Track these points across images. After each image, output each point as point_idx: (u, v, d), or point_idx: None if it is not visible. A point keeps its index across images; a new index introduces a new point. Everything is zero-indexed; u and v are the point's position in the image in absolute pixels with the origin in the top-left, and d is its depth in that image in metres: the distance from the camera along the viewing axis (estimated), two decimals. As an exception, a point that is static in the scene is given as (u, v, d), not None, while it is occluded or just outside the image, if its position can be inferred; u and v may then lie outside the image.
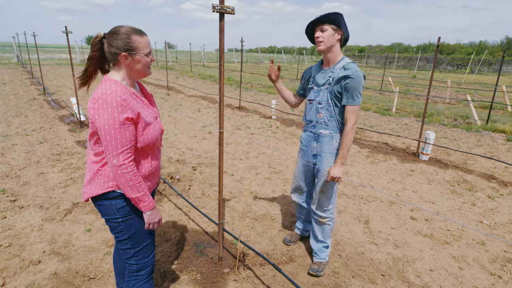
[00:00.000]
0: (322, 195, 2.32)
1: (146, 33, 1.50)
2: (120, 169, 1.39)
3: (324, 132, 2.21)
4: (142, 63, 1.49)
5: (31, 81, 13.29)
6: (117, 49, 1.42)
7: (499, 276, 2.47)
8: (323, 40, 2.08)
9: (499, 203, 3.72)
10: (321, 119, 2.20)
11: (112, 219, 1.55)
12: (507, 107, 10.20)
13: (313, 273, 2.37)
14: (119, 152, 1.38)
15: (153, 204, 1.54)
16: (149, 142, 1.51)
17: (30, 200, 3.34)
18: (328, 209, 2.36)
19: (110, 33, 1.44)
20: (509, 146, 6.07)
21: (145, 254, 1.68)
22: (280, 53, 52.06)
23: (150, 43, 1.51)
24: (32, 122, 6.67)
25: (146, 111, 1.53)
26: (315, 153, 2.31)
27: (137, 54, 1.45)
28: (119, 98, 1.37)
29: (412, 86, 16.66)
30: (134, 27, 1.46)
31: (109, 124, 1.35)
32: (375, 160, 5.06)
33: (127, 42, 1.42)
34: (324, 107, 2.17)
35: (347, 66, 2.09)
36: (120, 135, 1.37)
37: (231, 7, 1.75)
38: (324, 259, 2.47)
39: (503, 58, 7.52)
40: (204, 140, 5.83)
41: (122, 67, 1.48)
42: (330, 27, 2.06)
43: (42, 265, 2.39)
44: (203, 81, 16.29)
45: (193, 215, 3.19)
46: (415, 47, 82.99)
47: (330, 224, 2.42)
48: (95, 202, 1.54)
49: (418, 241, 2.90)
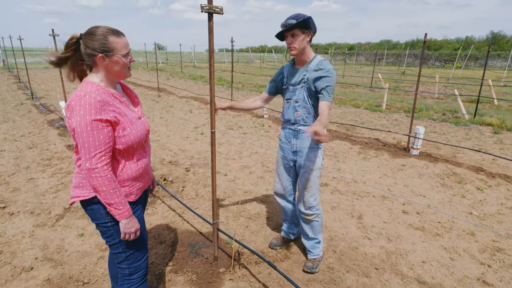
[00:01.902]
0: (306, 191, 2.33)
1: (124, 33, 1.47)
2: (93, 172, 1.35)
3: (303, 129, 2.25)
4: (120, 65, 1.45)
5: (18, 86, 13.05)
6: (93, 50, 1.38)
7: (488, 265, 2.52)
8: (295, 46, 2.11)
9: (488, 194, 3.81)
10: (299, 117, 2.25)
11: (101, 223, 1.52)
12: (494, 101, 10.41)
13: (308, 270, 2.39)
14: (91, 156, 1.34)
15: (129, 213, 1.48)
16: (132, 143, 1.47)
17: (20, 207, 3.29)
18: (313, 206, 2.37)
19: (86, 34, 1.40)
20: (496, 139, 6.20)
21: (137, 257, 1.65)
22: (270, 52, 52.14)
23: (128, 43, 1.47)
24: (20, 127, 6.56)
25: (127, 111, 1.49)
26: (295, 150, 2.33)
27: (114, 55, 1.42)
28: (93, 100, 1.32)
29: (401, 82, 16.88)
30: (111, 28, 1.42)
31: (81, 126, 1.31)
32: (367, 156, 5.12)
33: (104, 43, 1.39)
34: (301, 105, 2.22)
35: (320, 64, 2.15)
36: (92, 137, 1.33)
37: (220, 7, 1.75)
38: (318, 255, 2.49)
39: (488, 52, 7.67)
40: (197, 141, 5.81)
41: (100, 69, 1.44)
42: (300, 31, 2.08)
43: (34, 271, 2.36)
44: (194, 82, 16.22)
45: (187, 216, 3.18)
46: (404, 44, 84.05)
47: (318, 220, 2.43)
48: (85, 207, 1.52)
49: (410, 234, 2.95)
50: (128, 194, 1.54)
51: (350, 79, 18.62)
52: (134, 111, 1.57)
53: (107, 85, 1.47)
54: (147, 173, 1.67)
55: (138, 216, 1.61)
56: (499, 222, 3.18)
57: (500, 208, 3.46)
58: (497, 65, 34.12)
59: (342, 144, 5.80)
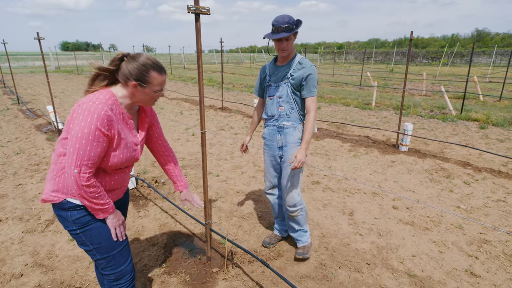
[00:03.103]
0: (290, 187, 2.38)
1: (166, 71, 1.50)
2: (80, 180, 1.32)
3: (287, 124, 2.32)
4: (148, 97, 1.48)
5: (3, 91, 12.79)
6: (130, 74, 1.41)
7: (476, 257, 2.59)
8: (287, 49, 2.20)
9: (475, 188, 3.90)
10: (283, 112, 2.32)
11: (71, 231, 1.49)
12: (479, 97, 10.65)
13: (299, 256, 2.47)
14: (82, 163, 1.31)
15: (113, 209, 1.50)
16: (113, 165, 1.46)
17: (8, 213, 3.23)
18: (297, 202, 2.42)
19: (132, 57, 1.44)
20: (482, 134, 6.35)
21: (120, 261, 1.59)
22: (260, 53, 52.23)
23: (165, 82, 1.50)
24: (6, 133, 6.43)
25: (127, 135, 1.49)
26: (280, 145, 2.39)
27: (147, 87, 1.44)
28: (103, 112, 1.32)
29: (390, 80, 17.11)
30: (157, 61, 1.45)
31: (83, 133, 1.29)
32: (357, 154, 5.18)
33: (143, 74, 1.42)
34: (285, 100, 2.29)
35: (302, 61, 2.25)
36: (90, 147, 1.31)
37: (206, 7, 1.76)
38: (307, 241, 2.56)
39: (472, 49, 7.85)
40: (188, 142, 5.80)
41: (128, 89, 1.46)
42: (293, 35, 2.18)
43: (24, 278, 2.33)
44: (184, 83, 16.14)
45: (179, 218, 3.18)
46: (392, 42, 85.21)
47: (302, 213, 2.48)
48: (55, 213, 1.50)
49: (400, 229, 3.00)
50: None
51: (339, 78, 18.78)
52: (135, 136, 1.57)
53: (124, 103, 1.48)
54: (123, 185, 1.65)
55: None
56: (486, 215, 3.26)
57: (487, 201, 3.55)
58: (482, 62, 34.88)
59: (332, 142, 5.86)
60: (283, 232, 2.77)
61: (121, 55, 1.46)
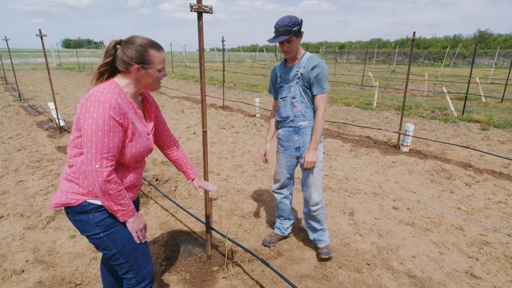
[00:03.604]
0: (312, 187, 2.39)
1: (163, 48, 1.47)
2: (101, 175, 1.26)
3: (303, 124, 2.32)
4: (153, 78, 1.43)
5: (5, 87, 12.81)
6: (130, 59, 1.36)
7: (476, 259, 2.59)
8: (291, 50, 2.20)
9: (476, 189, 3.90)
10: (298, 112, 2.31)
11: (92, 235, 1.41)
12: (481, 98, 10.63)
13: (326, 256, 2.49)
14: (103, 157, 1.26)
15: (134, 211, 1.44)
16: (132, 156, 1.41)
17: (10, 209, 3.24)
18: (319, 201, 2.43)
19: (126, 41, 1.38)
20: (484, 135, 6.34)
21: (142, 265, 1.54)
22: (262, 52, 52.16)
23: (165, 59, 1.46)
24: (8, 129, 6.44)
25: (138, 124, 1.45)
26: (298, 146, 2.38)
27: (150, 68, 1.40)
28: (114, 100, 1.28)
29: (391, 80, 17.08)
30: (152, 40, 1.41)
31: (98, 124, 1.24)
32: (358, 154, 5.18)
33: (143, 54, 1.37)
34: (299, 100, 2.29)
35: (311, 58, 2.23)
36: (107, 138, 1.26)
37: (209, 6, 1.76)
38: (327, 241, 2.58)
39: (475, 51, 7.82)
40: (189, 141, 5.80)
41: (131, 76, 1.42)
42: (295, 37, 2.15)
43: (25, 274, 2.33)
44: (186, 81, 16.14)
45: (180, 216, 3.18)
46: (393, 42, 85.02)
47: (323, 212, 2.50)
48: (72, 218, 1.42)
49: (401, 229, 3.00)
50: None
51: (341, 78, 18.76)
52: (145, 125, 1.53)
53: (130, 92, 1.44)
54: (139, 184, 1.61)
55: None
56: (487, 217, 3.26)
57: (488, 203, 3.54)
58: (484, 63, 34.80)
59: (333, 142, 5.85)
60: (284, 231, 2.77)
61: (114, 43, 1.40)
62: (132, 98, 1.46)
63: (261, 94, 11.66)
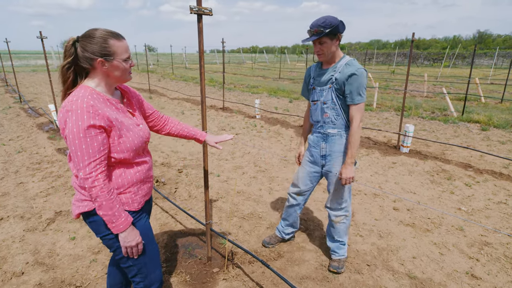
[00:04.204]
0: (336, 195, 2.30)
1: (124, 36, 1.40)
2: (87, 182, 1.27)
3: (332, 132, 2.19)
4: (120, 69, 1.38)
5: (6, 89, 12.82)
6: (92, 53, 1.31)
7: (477, 259, 2.59)
8: (323, 53, 2.08)
9: (476, 190, 3.89)
10: (327, 119, 2.18)
11: (105, 236, 1.43)
12: (481, 98, 10.63)
13: (333, 270, 2.38)
14: (85, 164, 1.26)
15: (126, 226, 1.37)
16: (128, 151, 1.39)
17: (10, 211, 3.24)
18: (342, 208, 2.34)
19: (84, 36, 1.32)
20: (484, 136, 6.34)
21: (151, 269, 1.54)
22: (262, 53, 52.24)
23: (128, 47, 1.40)
24: (8, 131, 6.45)
25: (123, 118, 1.41)
26: (324, 154, 2.27)
27: (115, 59, 1.34)
28: (85, 104, 1.25)
29: (391, 81, 17.09)
30: (110, 30, 1.35)
31: (73, 133, 1.23)
32: (358, 155, 5.18)
33: (104, 46, 1.31)
34: (330, 106, 2.15)
35: (349, 63, 2.07)
36: (85, 145, 1.25)
37: (209, 8, 1.76)
38: (343, 255, 2.46)
39: (474, 51, 7.83)
40: (189, 143, 5.80)
41: (98, 73, 1.37)
42: (328, 38, 2.02)
43: (25, 276, 2.33)
44: (186, 83, 16.16)
45: (180, 218, 3.18)
46: (393, 43, 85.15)
47: (345, 222, 2.38)
48: (87, 220, 1.44)
49: (401, 230, 3.00)
50: (132, 202, 1.45)
51: (341, 79, 18.72)
52: (131, 118, 1.49)
53: (103, 90, 1.40)
54: (149, 180, 1.59)
55: (144, 225, 1.52)
56: (487, 217, 3.25)
57: (488, 203, 3.54)
58: (484, 64, 34.83)
59: (333, 143, 5.85)
60: (284, 235, 2.73)
61: (71, 40, 1.33)
62: (109, 95, 1.43)
63: (261, 96, 11.66)
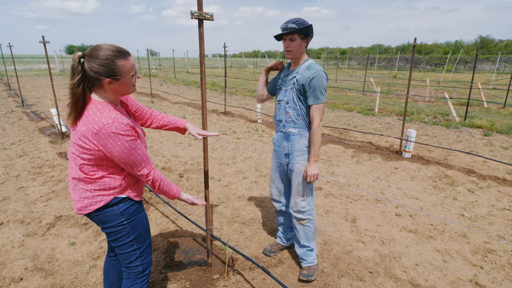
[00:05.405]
0: (298, 195, 2.31)
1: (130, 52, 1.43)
2: (149, 178, 1.53)
3: (293, 131, 2.27)
4: (127, 86, 1.45)
5: (8, 93, 12.90)
6: (99, 75, 1.34)
7: (481, 267, 2.55)
8: (291, 50, 2.17)
9: (479, 196, 3.85)
10: (289, 118, 2.27)
11: (116, 224, 1.55)
12: (483, 103, 10.60)
13: (304, 278, 2.33)
14: (142, 167, 1.48)
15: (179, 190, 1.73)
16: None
17: (10, 216, 3.23)
18: (305, 210, 2.33)
19: (91, 56, 1.33)
20: (486, 141, 6.30)
21: (149, 252, 1.74)
22: (264, 57, 52.45)
23: (134, 63, 1.44)
24: (10, 135, 6.46)
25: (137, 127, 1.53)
26: (287, 152, 2.34)
27: (122, 78, 1.39)
28: (123, 125, 1.37)
29: (393, 86, 17.08)
30: (116, 48, 1.36)
31: (124, 152, 1.39)
32: (360, 160, 5.15)
33: (112, 68, 1.34)
34: (291, 106, 2.24)
35: (310, 66, 2.18)
36: (136, 154, 1.44)
37: (210, 13, 1.76)
38: (312, 262, 2.42)
39: (476, 56, 7.83)
40: (190, 147, 5.79)
41: (106, 89, 1.42)
42: (299, 36, 2.12)
43: (24, 282, 2.31)
44: (187, 87, 16.21)
45: (180, 223, 3.16)
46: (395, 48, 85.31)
47: (309, 225, 2.36)
48: (96, 214, 1.51)
49: (404, 237, 2.97)
50: (138, 194, 1.63)
51: (342, 83, 18.78)
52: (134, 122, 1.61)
53: (114, 102, 1.50)
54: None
55: (145, 215, 1.71)
56: (491, 224, 3.21)
57: (491, 210, 3.50)
58: (486, 68, 34.80)
59: (335, 148, 5.83)
60: (286, 241, 2.71)
61: (77, 58, 1.35)
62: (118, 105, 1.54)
63: (262, 100, 11.67)
